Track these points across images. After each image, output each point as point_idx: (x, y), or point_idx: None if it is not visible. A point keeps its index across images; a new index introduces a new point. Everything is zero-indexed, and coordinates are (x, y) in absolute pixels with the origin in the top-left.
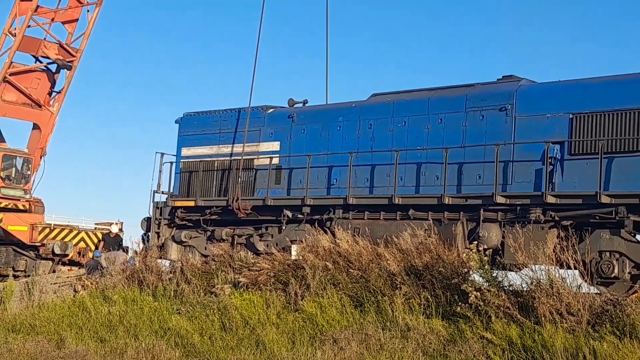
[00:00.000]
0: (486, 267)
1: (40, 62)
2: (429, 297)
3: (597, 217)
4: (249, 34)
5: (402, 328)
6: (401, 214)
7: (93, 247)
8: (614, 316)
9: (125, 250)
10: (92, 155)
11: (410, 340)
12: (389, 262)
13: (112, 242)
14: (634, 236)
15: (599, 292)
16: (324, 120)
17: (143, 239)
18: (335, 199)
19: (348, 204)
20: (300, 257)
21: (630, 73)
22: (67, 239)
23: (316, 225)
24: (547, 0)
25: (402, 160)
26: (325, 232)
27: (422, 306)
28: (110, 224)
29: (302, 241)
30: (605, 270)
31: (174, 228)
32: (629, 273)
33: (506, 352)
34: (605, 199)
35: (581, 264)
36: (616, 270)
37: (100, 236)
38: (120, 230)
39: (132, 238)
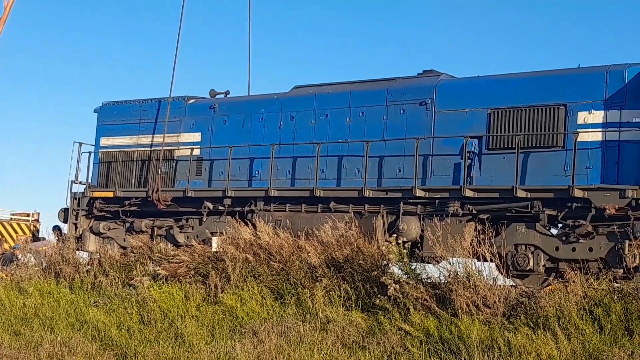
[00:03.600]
0: (405, 259)
1: None
2: (349, 289)
3: (514, 211)
4: (171, 23)
5: (322, 320)
6: (322, 207)
7: (8, 238)
8: (528, 308)
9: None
10: (7, 145)
11: (329, 333)
12: (309, 254)
13: None
14: (549, 230)
15: (514, 284)
16: (245, 112)
17: (59, 230)
18: (257, 190)
19: (269, 196)
20: (221, 249)
21: (546, 70)
22: None
23: (237, 217)
24: None
25: (324, 152)
26: (247, 224)
27: (342, 298)
28: (27, 214)
29: (222, 233)
30: (521, 263)
31: (92, 219)
32: (544, 266)
33: (424, 344)
34: (521, 193)
35: (497, 256)
36: (531, 263)
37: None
38: (37, 220)
39: (49, 229)
